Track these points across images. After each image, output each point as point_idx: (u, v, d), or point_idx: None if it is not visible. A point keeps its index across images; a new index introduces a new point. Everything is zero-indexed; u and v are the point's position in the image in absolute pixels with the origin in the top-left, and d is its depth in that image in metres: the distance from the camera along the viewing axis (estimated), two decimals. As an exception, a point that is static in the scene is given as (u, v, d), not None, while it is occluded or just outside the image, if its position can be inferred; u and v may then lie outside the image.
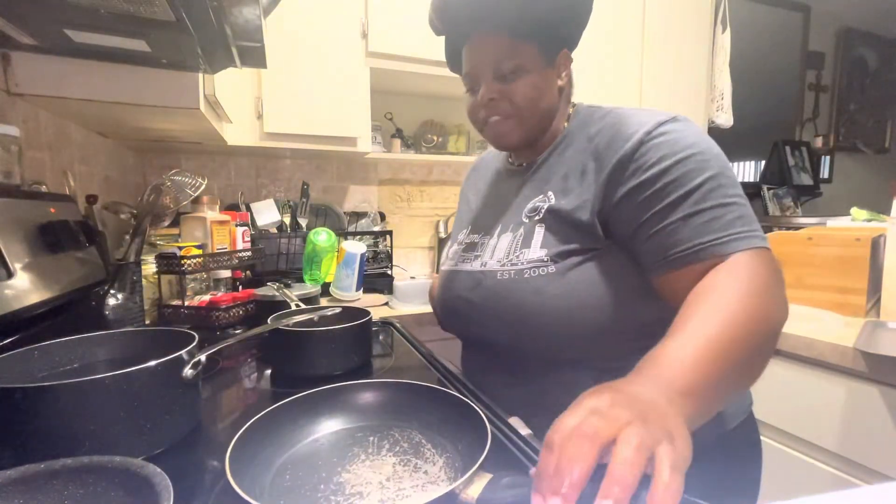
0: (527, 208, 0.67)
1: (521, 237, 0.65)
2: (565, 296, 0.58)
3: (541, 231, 0.63)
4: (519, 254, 0.63)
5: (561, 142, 0.69)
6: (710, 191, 0.52)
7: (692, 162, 0.53)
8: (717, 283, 0.48)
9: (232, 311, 1.07)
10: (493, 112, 0.67)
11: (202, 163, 1.76)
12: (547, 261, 0.60)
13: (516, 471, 0.37)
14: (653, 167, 0.54)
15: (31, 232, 0.74)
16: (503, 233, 0.68)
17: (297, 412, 0.51)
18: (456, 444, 0.47)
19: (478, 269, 0.68)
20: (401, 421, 0.53)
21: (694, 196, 0.52)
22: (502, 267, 0.64)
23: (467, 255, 0.73)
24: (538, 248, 0.62)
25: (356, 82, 1.59)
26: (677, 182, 0.53)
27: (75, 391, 0.44)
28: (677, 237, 0.53)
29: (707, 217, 0.52)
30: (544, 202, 0.65)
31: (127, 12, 0.64)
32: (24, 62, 0.83)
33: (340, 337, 0.75)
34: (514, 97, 0.65)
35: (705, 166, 0.53)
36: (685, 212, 0.52)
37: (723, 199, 0.52)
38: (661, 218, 0.54)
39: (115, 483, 0.34)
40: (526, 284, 0.61)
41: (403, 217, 2.08)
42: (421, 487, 0.42)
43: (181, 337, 0.58)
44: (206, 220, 1.18)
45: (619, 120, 0.61)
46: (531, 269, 0.61)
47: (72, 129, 1.11)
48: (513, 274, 0.62)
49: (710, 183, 0.53)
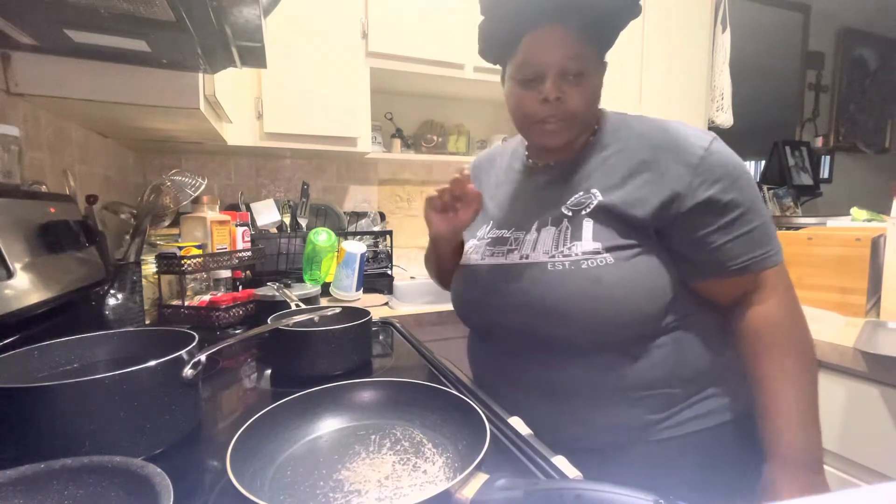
0: (568, 203, 0.68)
1: (567, 230, 0.66)
2: (623, 284, 0.61)
3: (589, 225, 0.64)
4: (570, 245, 0.64)
5: (597, 143, 0.69)
6: (756, 210, 0.61)
7: (744, 181, 0.61)
8: (776, 318, 0.63)
9: (232, 311, 1.07)
10: (555, 112, 0.65)
11: (202, 163, 1.76)
12: (603, 252, 0.62)
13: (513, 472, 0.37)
14: (718, 182, 0.60)
15: (31, 232, 0.74)
16: (542, 227, 0.68)
17: (298, 410, 0.51)
18: (456, 444, 0.47)
19: (517, 261, 0.68)
20: (403, 420, 0.53)
21: (748, 215, 0.60)
22: (552, 258, 0.64)
23: (497, 250, 0.72)
24: (590, 240, 0.63)
25: (356, 82, 1.59)
26: (737, 201, 0.60)
27: (75, 391, 0.44)
28: (735, 251, 0.61)
29: (757, 234, 0.61)
30: (590, 198, 0.66)
31: (127, 12, 0.64)
32: (24, 62, 0.83)
33: (340, 337, 0.75)
34: (574, 100, 0.64)
35: (752, 185, 0.62)
36: (742, 229, 0.60)
37: (763, 216, 0.62)
38: (724, 232, 0.60)
39: (115, 483, 0.34)
40: (584, 274, 0.62)
41: (403, 217, 2.08)
42: (419, 487, 0.42)
43: (181, 337, 0.58)
44: (206, 220, 1.17)
45: (666, 127, 0.65)
46: (587, 260, 0.62)
47: (72, 129, 1.11)
48: (567, 265, 0.63)
49: (756, 202, 0.61)
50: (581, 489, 0.34)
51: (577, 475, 0.46)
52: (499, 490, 0.36)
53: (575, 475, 0.45)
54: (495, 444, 0.51)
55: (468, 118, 2.13)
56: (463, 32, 1.70)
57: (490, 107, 2.18)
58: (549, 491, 0.36)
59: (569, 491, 0.35)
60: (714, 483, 0.64)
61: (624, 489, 0.33)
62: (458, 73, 1.73)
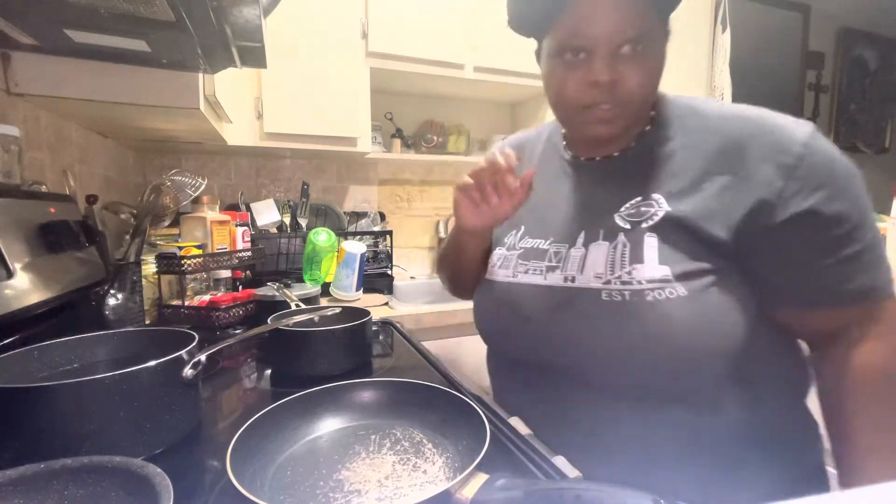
0: (622, 212, 0.55)
1: (625, 248, 0.53)
2: (699, 324, 0.48)
3: (653, 242, 0.51)
4: (630, 270, 0.51)
5: (657, 134, 0.56)
6: (868, 225, 0.49)
7: (854, 188, 0.49)
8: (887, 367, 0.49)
9: (232, 311, 1.07)
10: (606, 97, 0.52)
11: (202, 163, 1.76)
12: (673, 280, 0.49)
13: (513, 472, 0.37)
14: (820, 189, 0.47)
15: (31, 232, 0.74)
16: (592, 241, 0.56)
17: (298, 410, 0.52)
18: (456, 445, 0.48)
19: (561, 283, 0.56)
20: (403, 420, 0.53)
21: (858, 231, 0.48)
22: (607, 285, 0.52)
23: (533, 266, 0.60)
24: (656, 263, 0.50)
25: (356, 82, 1.59)
26: (844, 213, 0.47)
27: (75, 391, 0.44)
28: (840, 277, 0.48)
29: (868, 256, 0.48)
30: (653, 206, 0.53)
31: (127, 12, 0.64)
32: (24, 62, 0.83)
33: (340, 337, 0.75)
34: (631, 81, 0.51)
35: (862, 192, 0.49)
36: (850, 249, 0.48)
37: (875, 232, 0.49)
38: (827, 253, 0.48)
39: (115, 483, 0.34)
40: (650, 309, 0.49)
41: (403, 217, 2.08)
42: (419, 487, 0.42)
43: (181, 337, 0.58)
44: (206, 220, 1.17)
45: (750, 116, 0.52)
46: (654, 291, 0.49)
47: (72, 129, 1.11)
48: (627, 295, 0.50)
49: (868, 214, 0.49)
50: (581, 489, 0.34)
51: (578, 475, 0.46)
52: (499, 490, 0.36)
53: (575, 475, 0.46)
54: (495, 444, 0.51)
55: (468, 118, 2.13)
56: (463, 32, 1.70)
57: (490, 107, 2.18)
58: (548, 491, 0.36)
59: (569, 491, 0.35)
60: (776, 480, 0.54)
61: (623, 489, 0.33)
62: (458, 73, 1.73)
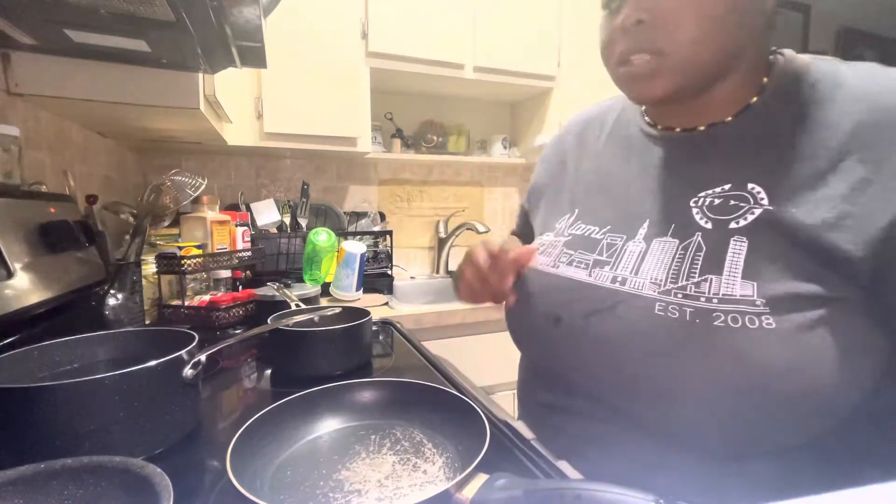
0: (703, 202, 0.43)
1: (699, 251, 0.41)
2: (787, 371, 0.35)
3: (741, 249, 0.39)
4: (700, 281, 0.39)
5: (766, 105, 0.43)
6: None
7: None
8: None
9: (232, 311, 1.07)
10: (639, 45, 0.42)
11: (202, 163, 1.76)
12: (761, 306, 0.36)
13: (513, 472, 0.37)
14: None
15: (31, 232, 0.74)
16: (658, 235, 0.45)
17: (298, 410, 0.52)
18: (457, 445, 0.48)
19: (607, 284, 0.45)
20: (403, 420, 0.53)
21: None
22: (665, 295, 0.40)
23: (579, 257, 0.50)
24: (739, 277, 0.38)
25: (356, 82, 1.59)
26: None
27: (75, 391, 0.44)
28: None
29: None
30: (748, 200, 0.40)
31: (127, 12, 0.64)
32: (24, 62, 0.83)
33: (340, 337, 0.75)
34: (681, 20, 0.40)
35: None
36: None
37: None
38: None
39: (115, 483, 0.34)
40: (718, 338, 0.37)
41: (403, 217, 2.08)
42: (419, 487, 0.42)
43: (181, 337, 0.58)
44: (206, 220, 1.17)
45: None
46: (729, 315, 0.37)
47: (72, 129, 1.11)
48: (689, 314, 0.38)
49: None
50: (581, 489, 0.34)
51: (578, 477, 0.46)
52: (499, 490, 0.36)
53: (576, 477, 0.45)
54: (496, 445, 0.51)
55: (468, 118, 2.13)
56: (463, 32, 1.70)
57: (490, 107, 2.18)
58: (548, 491, 0.36)
59: (569, 491, 0.35)
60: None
61: (624, 489, 0.33)
62: (458, 73, 1.73)
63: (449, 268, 2.04)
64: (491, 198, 2.21)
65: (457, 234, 2.00)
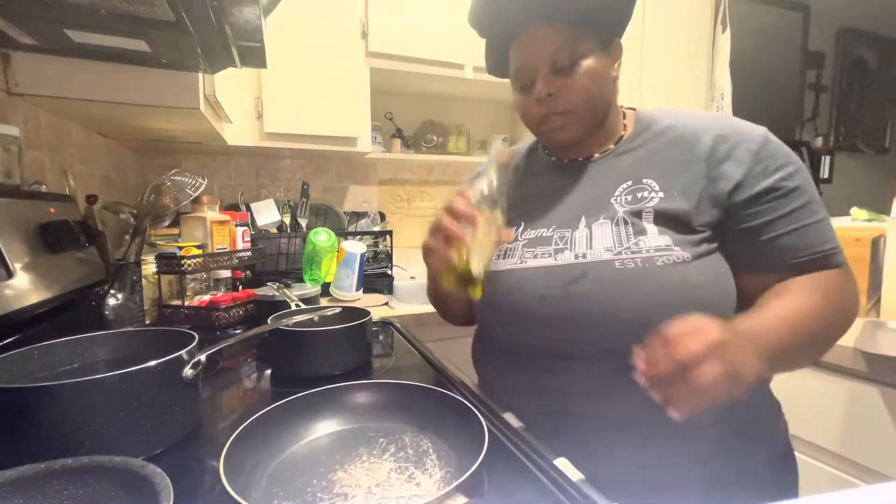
0: (618, 196, 0.61)
1: (626, 224, 0.58)
2: (706, 284, 0.55)
3: (650, 217, 0.58)
4: (637, 241, 0.56)
5: (635, 136, 0.65)
6: (818, 203, 0.57)
7: (805, 174, 0.57)
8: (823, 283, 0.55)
9: (232, 311, 1.07)
10: (553, 108, 0.61)
11: (202, 163, 1.76)
12: (678, 249, 0.55)
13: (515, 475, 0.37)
14: (781, 169, 0.56)
15: (31, 232, 0.74)
16: (594, 223, 0.61)
17: (301, 409, 0.52)
18: (460, 459, 0.47)
19: (573, 261, 0.59)
20: (415, 426, 0.53)
21: (811, 206, 0.56)
22: (618, 255, 0.56)
23: (541, 251, 0.63)
24: (657, 234, 0.56)
25: (356, 82, 1.59)
26: (800, 190, 0.56)
27: (75, 391, 0.44)
28: (803, 242, 0.55)
29: (824, 226, 0.56)
30: (647, 190, 0.60)
31: (127, 12, 0.64)
32: (24, 62, 0.83)
33: (340, 337, 0.75)
34: (574, 90, 0.60)
35: (811, 180, 0.58)
36: (809, 219, 0.56)
37: (824, 211, 0.57)
38: (790, 220, 0.55)
39: (115, 483, 0.34)
40: (662, 273, 0.54)
41: (403, 217, 2.08)
42: (406, 499, 0.41)
43: (181, 337, 0.58)
44: (206, 220, 1.17)
45: (715, 117, 0.63)
46: (663, 256, 0.54)
47: (72, 129, 1.11)
48: (639, 262, 0.55)
49: (816, 195, 0.57)
50: None
51: (581, 478, 0.46)
52: None
53: (578, 478, 0.45)
54: (496, 446, 0.51)
55: (468, 118, 2.13)
56: (463, 32, 1.68)
57: (490, 107, 2.18)
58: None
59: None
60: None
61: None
62: (458, 73, 1.73)
63: (449, 268, 2.03)
64: (491, 198, 2.21)
65: (457, 234, 2.00)
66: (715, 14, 2.16)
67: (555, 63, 0.60)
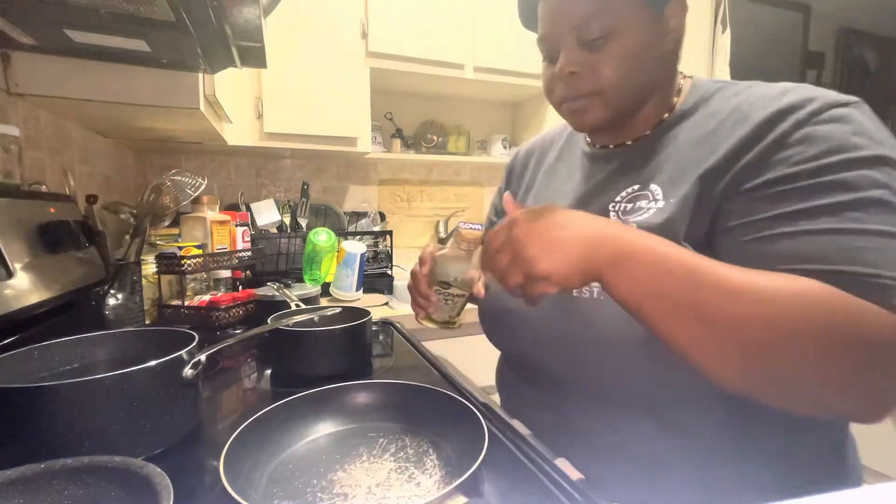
0: (617, 202, 0.53)
1: None
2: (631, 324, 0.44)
3: None
4: None
5: (673, 119, 0.54)
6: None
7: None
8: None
9: (232, 311, 1.07)
10: (574, 90, 0.53)
11: (202, 163, 1.76)
12: None
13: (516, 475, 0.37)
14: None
15: (31, 232, 0.74)
16: None
17: (301, 409, 0.52)
18: (460, 459, 0.47)
19: None
20: (415, 426, 0.53)
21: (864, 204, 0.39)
22: None
23: None
24: None
25: (356, 82, 1.59)
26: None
27: (75, 391, 0.44)
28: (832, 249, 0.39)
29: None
30: (649, 198, 0.50)
31: (127, 12, 0.64)
32: (24, 62, 0.83)
33: (340, 337, 0.75)
34: (603, 70, 0.50)
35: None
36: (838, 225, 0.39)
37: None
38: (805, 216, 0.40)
39: (115, 483, 0.34)
40: (606, 306, 0.47)
41: (403, 217, 2.08)
42: (406, 499, 0.41)
43: (181, 337, 0.58)
44: (206, 220, 1.17)
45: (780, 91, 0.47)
46: None
47: (72, 129, 1.11)
48: (596, 292, 0.50)
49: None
50: None
51: (580, 478, 0.46)
52: None
53: (578, 478, 0.45)
54: (497, 446, 0.51)
55: (468, 118, 2.13)
56: (463, 32, 1.70)
57: (490, 107, 2.18)
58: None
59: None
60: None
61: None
62: (458, 73, 1.73)
63: (449, 268, 2.03)
64: (491, 198, 2.21)
65: (457, 234, 2.00)
66: (715, 14, 2.16)
67: (581, 35, 0.50)
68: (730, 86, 0.52)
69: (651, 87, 0.54)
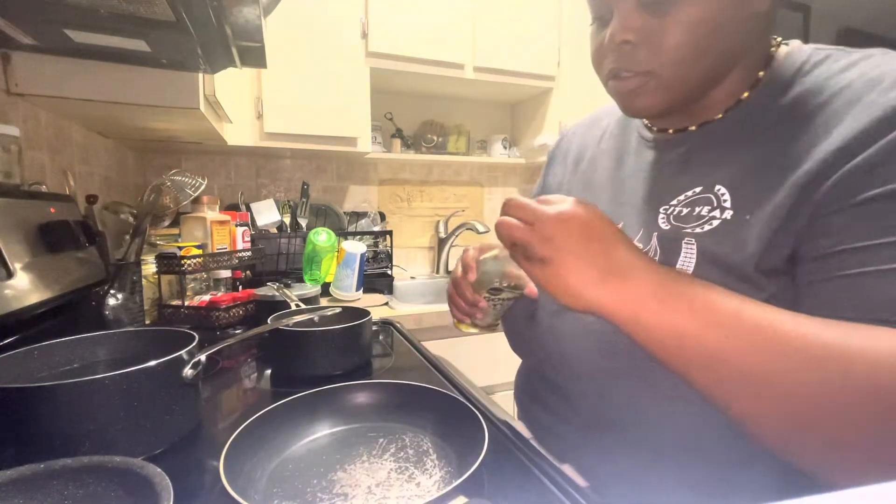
0: (672, 206, 0.43)
1: (654, 254, 0.42)
2: None
3: (691, 252, 0.40)
4: None
5: (754, 100, 0.42)
6: None
7: None
8: None
9: (232, 311, 1.07)
10: (626, 64, 0.41)
11: (202, 163, 1.76)
12: None
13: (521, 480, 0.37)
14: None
15: (31, 232, 0.74)
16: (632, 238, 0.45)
17: (301, 409, 0.52)
18: (460, 458, 0.47)
19: None
20: (415, 426, 0.53)
21: None
22: None
23: None
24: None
25: (356, 82, 1.59)
26: None
27: (75, 391, 0.44)
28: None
29: None
30: (712, 203, 0.40)
31: (127, 12, 0.64)
32: (24, 62, 0.83)
33: (340, 337, 0.75)
34: (667, 40, 0.38)
35: None
36: None
37: None
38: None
39: (115, 483, 0.34)
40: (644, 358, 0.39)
41: (403, 217, 2.08)
42: (406, 499, 0.41)
43: (181, 337, 0.58)
44: (206, 220, 1.17)
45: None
46: None
47: (72, 129, 1.11)
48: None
49: None
50: None
51: (585, 485, 0.45)
52: None
53: (577, 478, 0.45)
54: (497, 447, 0.51)
55: (468, 118, 2.13)
56: (463, 32, 1.70)
57: (490, 107, 2.18)
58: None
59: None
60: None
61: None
62: (458, 73, 1.73)
63: (449, 268, 2.04)
64: (491, 198, 2.21)
65: (457, 235, 2.00)
66: (715, 14, 2.16)
67: None
68: (840, 55, 0.40)
69: (728, 63, 0.41)
